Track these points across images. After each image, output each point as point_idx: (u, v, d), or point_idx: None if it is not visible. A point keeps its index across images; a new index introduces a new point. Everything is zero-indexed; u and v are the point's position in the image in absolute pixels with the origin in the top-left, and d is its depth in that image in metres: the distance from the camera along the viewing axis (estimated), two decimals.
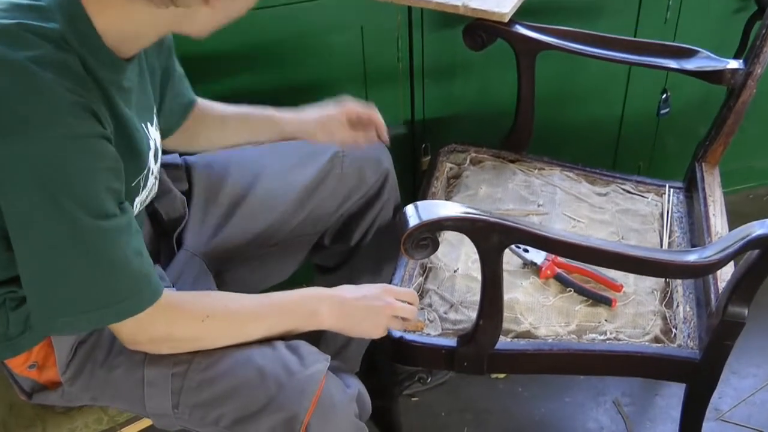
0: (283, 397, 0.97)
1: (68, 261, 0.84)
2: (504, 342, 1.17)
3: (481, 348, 1.14)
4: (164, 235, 1.18)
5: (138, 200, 0.99)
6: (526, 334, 1.19)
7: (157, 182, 1.04)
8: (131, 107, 0.92)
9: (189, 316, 0.97)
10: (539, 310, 1.22)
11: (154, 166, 1.00)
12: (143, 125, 0.95)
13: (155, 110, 1.00)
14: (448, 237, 1.35)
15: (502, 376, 1.67)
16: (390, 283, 1.25)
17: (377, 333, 1.09)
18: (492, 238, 1.01)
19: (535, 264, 1.28)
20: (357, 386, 1.06)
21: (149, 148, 0.96)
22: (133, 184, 0.95)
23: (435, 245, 1.02)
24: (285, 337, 1.03)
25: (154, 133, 0.98)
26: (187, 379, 0.98)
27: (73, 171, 0.81)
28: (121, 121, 0.90)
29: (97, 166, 0.83)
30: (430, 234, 1.00)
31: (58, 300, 0.88)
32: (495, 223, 1.00)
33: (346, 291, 1.07)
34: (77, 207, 0.82)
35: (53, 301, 0.88)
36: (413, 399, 1.59)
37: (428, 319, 1.21)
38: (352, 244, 1.35)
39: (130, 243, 0.88)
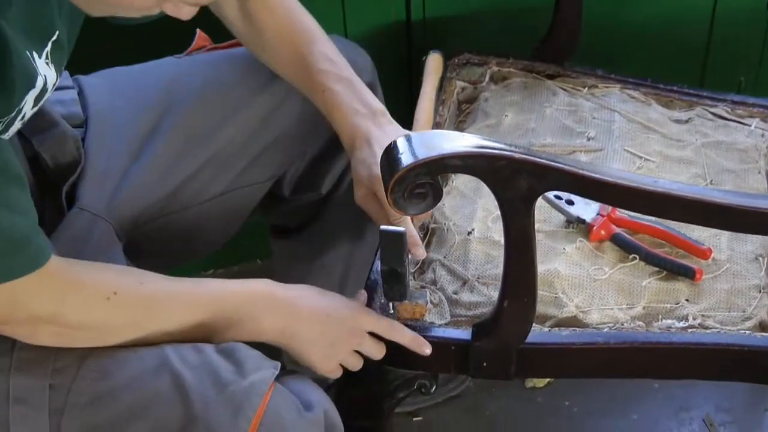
0: (210, 416, 0.99)
1: None
2: (539, 333, 1.17)
3: (506, 341, 1.14)
4: (50, 188, 1.19)
5: None
6: (572, 321, 1.19)
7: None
8: (9, 22, 0.93)
9: (89, 291, 0.99)
10: (590, 287, 1.22)
11: (29, 111, 1.01)
12: (28, 54, 0.96)
13: (55, 41, 1.02)
14: (458, 185, 1.36)
15: (540, 384, 1.68)
16: (378, 249, 1.26)
17: (326, 368, 1.12)
18: (519, 184, 1.00)
19: (584, 221, 1.27)
20: (322, 405, 1.08)
21: (31, 86, 0.97)
22: None
23: (437, 195, 1.02)
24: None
25: (44, 69, 0.99)
26: (74, 393, 0.99)
27: None
28: None
29: None
30: (429, 178, 1.00)
31: None
32: (523, 161, 1.00)
33: (305, 297, 1.11)
34: None
35: None
36: (415, 419, 1.62)
37: (431, 302, 1.21)
38: (323, 194, 1.38)
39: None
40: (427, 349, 1.14)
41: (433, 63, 1.48)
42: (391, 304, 1.18)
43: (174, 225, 1.26)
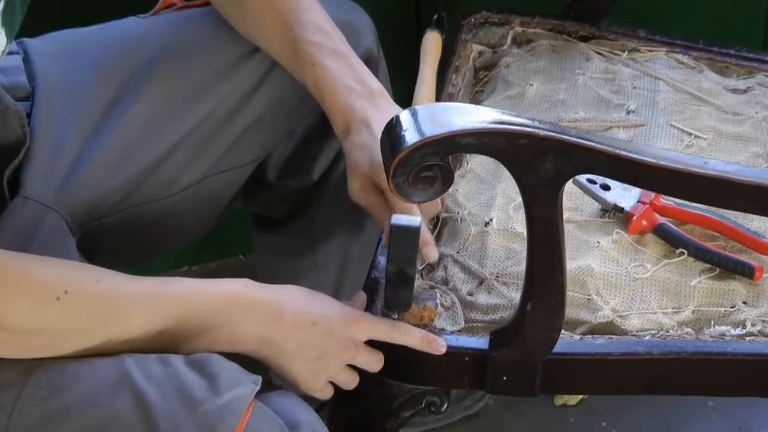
0: None
1: None
2: (569, 341, 1.17)
3: (530, 351, 1.14)
4: None
5: None
6: (607, 328, 1.19)
7: None
8: None
9: (36, 289, 1.00)
10: (629, 287, 1.22)
11: None
12: None
13: (8, 0, 1.01)
14: (474, 167, 1.36)
15: (572, 401, 1.69)
16: (379, 243, 1.27)
17: (313, 385, 1.12)
18: (544, 166, 1.01)
19: (622, 209, 1.27)
20: (311, 426, 1.08)
21: None
22: None
23: (447, 179, 1.03)
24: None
25: None
26: (17, 414, 1.00)
27: None
28: None
29: None
30: (437, 159, 1.00)
31: None
32: (548, 139, 0.99)
33: (289, 300, 1.10)
34: None
35: None
36: None
37: (442, 305, 1.21)
38: (315, 179, 1.38)
39: None
40: (441, 348, 1.13)
41: (431, 42, 1.46)
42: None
43: (139, 218, 1.26)
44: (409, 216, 1.12)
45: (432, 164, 1.00)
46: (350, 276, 1.46)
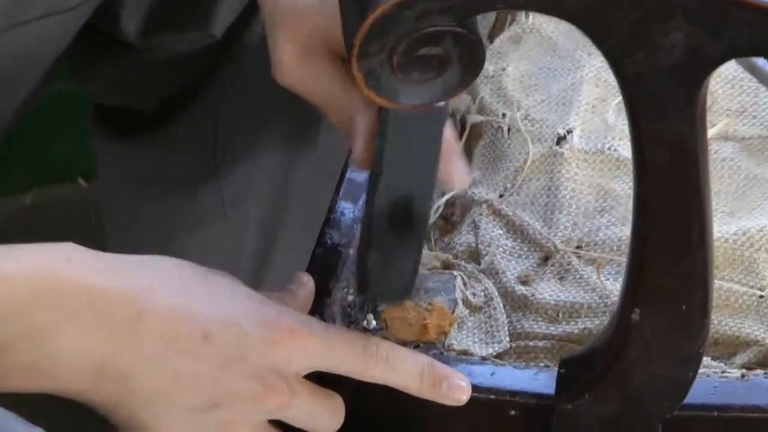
0: None
1: None
2: (719, 382, 1.20)
3: (638, 402, 1.16)
4: None
5: None
6: None
7: None
8: None
9: None
10: None
11: None
12: None
13: None
14: (539, 24, 1.52)
15: None
16: (346, 167, 1.36)
17: None
18: (666, 39, 1.01)
19: None
20: None
21: None
22: None
23: (471, 64, 1.04)
24: None
25: None
26: None
27: None
28: None
29: None
30: (450, 22, 1.00)
31: None
32: None
33: (158, 288, 1.12)
34: None
35: None
36: None
37: (465, 303, 1.27)
38: (216, 37, 1.52)
39: None
40: (460, 393, 1.15)
41: None
42: (369, 308, 1.22)
43: None
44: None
45: (440, 30, 0.99)
46: (284, 235, 1.47)
